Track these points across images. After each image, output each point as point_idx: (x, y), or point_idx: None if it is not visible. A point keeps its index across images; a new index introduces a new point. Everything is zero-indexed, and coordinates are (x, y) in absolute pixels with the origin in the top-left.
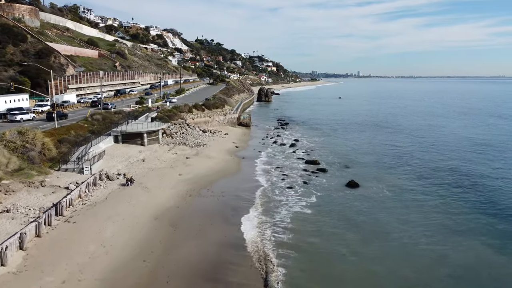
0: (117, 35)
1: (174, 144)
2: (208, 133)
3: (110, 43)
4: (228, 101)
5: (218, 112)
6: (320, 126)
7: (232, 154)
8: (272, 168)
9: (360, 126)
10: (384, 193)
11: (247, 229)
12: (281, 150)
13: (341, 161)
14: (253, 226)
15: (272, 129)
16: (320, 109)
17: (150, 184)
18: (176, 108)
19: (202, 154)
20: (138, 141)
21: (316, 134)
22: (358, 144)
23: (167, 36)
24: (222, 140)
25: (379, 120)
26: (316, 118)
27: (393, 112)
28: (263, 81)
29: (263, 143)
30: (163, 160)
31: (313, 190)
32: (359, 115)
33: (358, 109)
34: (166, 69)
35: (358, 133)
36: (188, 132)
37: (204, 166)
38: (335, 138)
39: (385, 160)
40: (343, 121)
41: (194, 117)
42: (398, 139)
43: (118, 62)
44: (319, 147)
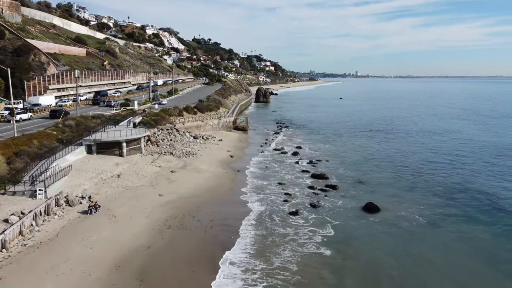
0: (109, 33)
1: (159, 153)
2: (200, 140)
3: (100, 41)
4: (223, 102)
5: (212, 115)
6: (323, 130)
7: (226, 166)
8: (272, 185)
9: (366, 130)
10: (414, 219)
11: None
12: (282, 159)
13: (353, 174)
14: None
15: (271, 134)
16: (321, 111)
17: (120, 210)
18: (164, 111)
19: (190, 166)
20: (116, 151)
21: (320, 140)
22: (368, 152)
23: (163, 35)
24: (215, 148)
25: (386, 123)
26: (318, 121)
27: (400, 114)
28: (261, 81)
29: (262, 150)
30: (142, 175)
31: (325, 216)
32: (363, 117)
33: (361, 111)
34: (159, 68)
35: (366, 139)
36: (177, 139)
37: (192, 182)
38: (342, 145)
39: (402, 172)
40: (347, 124)
41: (185, 122)
42: (413, 145)
43: (107, 60)
44: (325, 156)
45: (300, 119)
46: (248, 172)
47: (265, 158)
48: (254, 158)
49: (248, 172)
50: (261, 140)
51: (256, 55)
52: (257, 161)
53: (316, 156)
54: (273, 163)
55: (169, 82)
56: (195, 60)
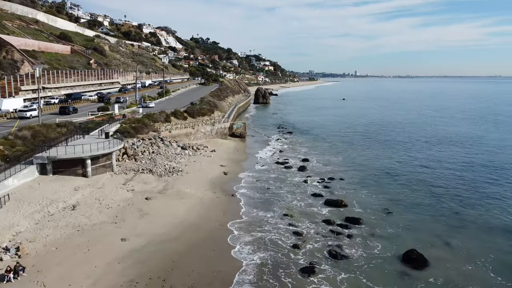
0: (100, 30)
1: (135, 172)
2: (189, 151)
3: (88, 38)
4: (219, 105)
5: (204, 120)
6: (330, 136)
7: (217, 188)
8: (275, 217)
9: (379, 136)
10: (483, 278)
11: None
12: (286, 176)
13: (377, 199)
14: None
15: (272, 141)
16: (325, 113)
17: (55, 272)
18: (148, 116)
19: (172, 189)
20: (78, 170)
21: (328, 149)
22: (389, 166)
23: (160, 34)
24: (206, 161)
25: (399, 128)
26: (323, 125)
27: (411, 117)
28: (260, 81)
29: (262, 164)
30: (107, 205)
31: (352, 275)
32: (372, 120)
33: (368, 113)
34: (153, 67)
35: (382, 148)
36: (161, 151)
37: (170, 215)
38: (355, 156)
39: (440, 195)
40: (356, 129)
41: (172, 129)
42: (442, 157)
43: (94, 59)
44: (338, 171)
45: (303, 123)
46: (245, 196)
47: (266, 174)
48: (253, 175)
49: (245, 197)
50: (261, 150)
51: (255, 55)
52: (256, 179)
53: (327, 171)
54: (276, 182)
55: (164, 82)
56: (192, 59)
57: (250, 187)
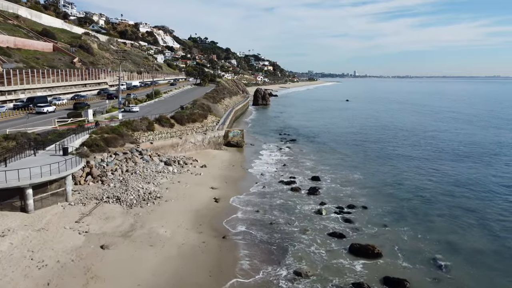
0: (91, 28)
1: (98, 200)
2: (174, 167)
3: (75, 35)
4: (213, 108)
5: (195, 128)
6: (340, 144)
7: (205, 224)
8: (283, 277)
9: (400, 145)
10: None
11: None
12: (294, 203)
13: (422, 242)
14: None
15: (274, 151)
16: (330, 116)
17: None
18: (126, 124)
19: (142, 229)
20: (16, 202)
21: (341, 162)
22: (425, 189)
23: (157, 34)
24: (194, 181)
25: (424, 137)
26: (330, 131)
27: (427, 122)
28: (259, 81)
29: (263, 184)
30: (41, 261)
31: None
32: (386, 126)
33: (379, 117)
34: (145, 67)
35: (407, 162)
36: (138, 169)
37: (130, 280)
38: (376, 173)
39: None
40: (369, 136)
41: (155, 139)
42: (490, 174)
43: (78, 57)
44: (359, 195)
45: (307, 128)
46: (242, 239)
47: (269, 200)
48: (252, 201)
49: (242, 241)
50: (262, 164)
51: (254, 55)
52: (256, 207)
53: (345, 195)
54: (282, 212)
55: (159, 82)
56: (190, 59)
57: (249, 221)
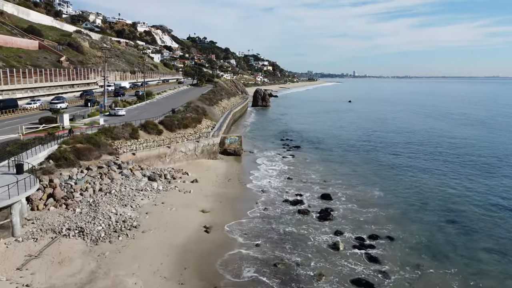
0: (84, 26)
1: (55, 234)
2: (160, 183)
3: (65, 33)
4: (209, 111)
5: (187, 134)
6: (350, 152)
7: (190, 268)
8: None
9: (419, 153)
10: None
11: None
12: (305, 233)
13: None
14: None
15: (276, 160)
16: (334, 118)
17: None
18: (106, 131)
19: (106, 278)
20: None
21: (353, 174)
22: (463, 214)
23: (155, 33)
24: (181, 201)
25: (442, 141)
26: (336, 135)
27: (446, 125)
28: (259, 81)
29: (265, 204)
30: None
31: None
32: (398, 130)
33: (387, 119)
34: (139, 66)
35: (433, 175)
36: (113, 187)
37: None
38: (398, 189)
39: None
40: (381, 142)
41: (139, 149)
42: None
43: (65, 56)
44: (382, 219)
45: (311, 132)
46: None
47: (273, 228)
48: (252, 229)
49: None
50: (262, 177)
51: (254, 54)
52: (258, 237)
53: (365, 219)
54: (291, 246)
55: (152, 82)
56: (188, 59)
57: (249, 261)
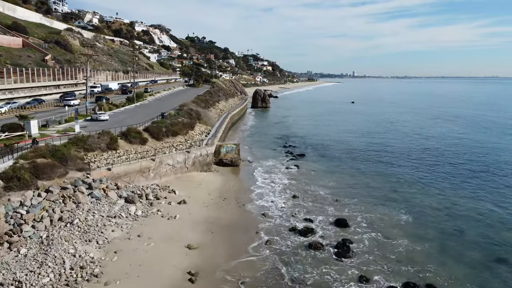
0: (76, 24)
1: None
2: (139, 205)
3: (55, 31)
4: (204, 115)
5: (176, 143)
6: (362, 161)
7: None
8: None
9: (440, 162)
10: None
11: None
12: (321, 279)
13: None
14: None
15: (278, 172)
16: (339, 122)
17: None
18: (77, 141)
19: None
20: None
21: (371, 191)
22: None
23: (153, 32)
24: (163, 231)
25: (466, 149)
26: (343, 141)
27: (465, 130)
28: (258, 81)
29: (267, 233)
30: None
31: None
32: (410, 133)
33: (396, 122)
34: (137, 66)
35: (461, 187)
36: (78, 214)
37: None
38: (428, 211)
39: None
40: (394, 147)
41: (116, 163)
42: None
43: (51, 55)
44: (419, 261)
45: (315, 138)
46: None
47: (281, 272)
48: (250, 271)
49: None
50: (263, 194)
51: (253, 54)
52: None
53: (396, 257)
54: None
55: (142, 83)
56: (186, 58)
57: None
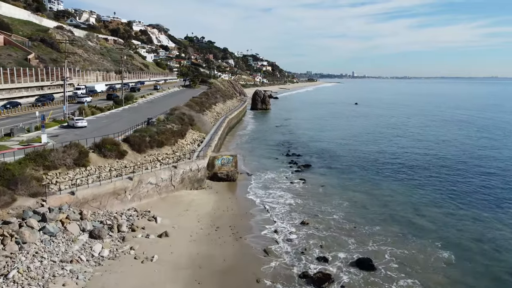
0: (69, 22)
1: None
2: (109, 241)
3: (42, 28)
4: (198, 120)
5: (162, 155)
6: (377, 174)
7: None
8: None
9: (476, 174)
10: None
11: None
12: None
13: None
14: None
15: (282, 189)
16: (345, 125)
17: None
18: (36, 158)
19: None
20: None
21: (396, 215)
22: None
23: (151, 32)
24: (133, 282)
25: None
26: (352, 148)
27: (497, 137)
28: (258, 82)
29: (273, 284)
30: None
31: None
32: (429, 139)
33: (407, 126)
34: (127, 66)
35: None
36: (19, 260)
37: None
38: (479, 249)
39: None
40: (414, 157)
41: (82, 184)
42: None
43: (35, 53)
44: None
45: (321, 144)
46: None
47: None
48: None
49: None
50: (265, 220)
51: (253, 55)
52: None
53: None
54: None
55: (135, 84)
56: (184, 58)
57: None
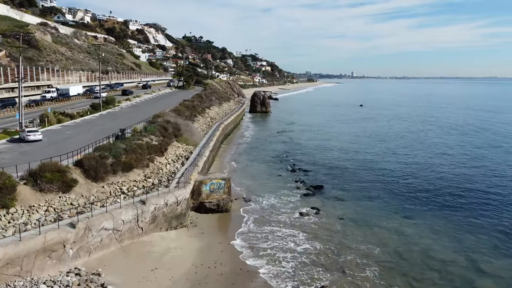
0: (55, 19)
1: None
2: None
3: (22, 24)
4: (185, 129)
5: (128, 184)
6: (410, 198)
7: None
8: None
9: None
10: None
11: None
12: None
13: None
14: None
15: (287, 224)
16: (355, 131)
17: None
18: None
19: None
20: None
21: (450, 276)
22: None
23: (148, 31)
24: None
25: None
26: (370, 162)
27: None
28: (257, 82)
29: None
30: None
31: None
32: (462, 149)
33: (428, 133)
34: (116, 66)
35: None
36: None
37: None
38: None
39: None
40: (450, 171)
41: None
42: None
43: (5, 51)
44: None
45: (331, 154)
46: None
47: None
48: None
49: None
50: (268, 284)
51: (252, 55)
52: None
53: None
54: None
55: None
56: (182, 58)
57: None
